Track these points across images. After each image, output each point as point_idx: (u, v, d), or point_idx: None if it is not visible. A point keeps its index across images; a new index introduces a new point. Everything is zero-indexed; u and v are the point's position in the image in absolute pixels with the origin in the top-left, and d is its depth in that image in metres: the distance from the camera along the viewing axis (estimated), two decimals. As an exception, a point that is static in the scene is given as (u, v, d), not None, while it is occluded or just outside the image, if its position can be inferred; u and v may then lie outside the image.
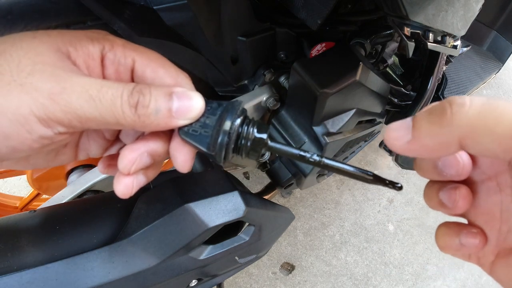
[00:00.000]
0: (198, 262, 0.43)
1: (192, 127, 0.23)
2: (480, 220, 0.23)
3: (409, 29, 0.47)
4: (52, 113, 0.20)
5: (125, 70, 0.24)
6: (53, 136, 0.21)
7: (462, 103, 0.17)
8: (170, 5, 0.43)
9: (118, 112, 0.21)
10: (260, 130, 0.24)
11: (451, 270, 1.18)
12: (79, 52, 0.22)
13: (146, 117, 0.22)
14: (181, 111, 0.22)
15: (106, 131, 0.28)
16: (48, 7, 0.39)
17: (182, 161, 0.24)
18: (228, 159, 0.24)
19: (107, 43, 0.23)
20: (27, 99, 0.19)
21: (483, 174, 0.22)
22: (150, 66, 0.24)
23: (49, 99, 0.19)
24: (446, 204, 0.22)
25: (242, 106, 0.25)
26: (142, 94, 0.22)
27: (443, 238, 0.23)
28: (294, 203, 1.24)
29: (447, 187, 0.23)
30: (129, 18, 0.41)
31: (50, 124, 0.20)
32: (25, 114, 0.19)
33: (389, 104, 0.84)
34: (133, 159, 0.23)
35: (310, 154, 0.24)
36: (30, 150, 0.21)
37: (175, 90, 0.23)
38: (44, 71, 0.20)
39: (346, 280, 1.11)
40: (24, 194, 0.81)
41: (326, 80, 0.50)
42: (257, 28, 0.54)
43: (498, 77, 1.84)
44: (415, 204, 1.31)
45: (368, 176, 0.24)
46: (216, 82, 0.60)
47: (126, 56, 0.24)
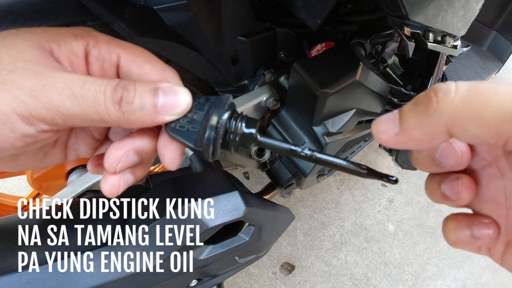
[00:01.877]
0: (198, 262, 0.43)
1: (179, 123, 0.23)
2: (486, 208, 0.22)
3: (409, 29, 0.47)
4: (34, 110, 0.19)
5: (110, 66, 0.24)
6: (36, 134, 0.20)
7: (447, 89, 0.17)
8: (170, 5, 0.43)
9: (101, 108, 0.20)
10: (249, 125, 0.23)
11: (451, 270, 1.18)
12: (62, 49, 0.22)
13: (131, 114, 0.21)
14: (167, 107, 0.22)
15: (94, 130, 0.27)
16: (48, 7, 0.39)
17: (170, 158, 0.24)
18: (216, 155, 0.24)
19: (91, 39, 0.23)
20: (8, 96, 0.19)
21: (483, 161, 0.22)
22: (136, 62, 0.24)
23: (30, 96, 0.19)
24: (450, 196, 0.21)
25: (230, 101, 0.24)
26: (126, 90, 0.21)
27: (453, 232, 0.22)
28: (294, 203, 1.24)
29: (448, 178, 0.22)
30: (129, 18, 0.41)
31: (33, 122, 0.20)
32: (6, 112, 0.19)
33: (389, 104, 0.84)
34: (119, 157, 0.23)
35: (301, 148, 0.24)
36: (14, 149, 0.21)
37: (160, 86, 0.22)
38: (26, 68, 0.20)
39: (346, 280, 1.11)
40: (24, 194, 0.81)
41: (326, 80, 0.50)
42: (257, 28, 0.54)
43: (498, 77, 1.84)
44: (415, 204, 1.31)
45: (362, 170, 0.24)
46: (216, 82, 0.60)
47: (111, 52, 0.23)
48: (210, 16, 0.46)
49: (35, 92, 0.19)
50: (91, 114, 0.20)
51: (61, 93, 0.20)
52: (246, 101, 0.58)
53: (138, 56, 0.24)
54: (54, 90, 0.20)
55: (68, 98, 0.20)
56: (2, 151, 0.21)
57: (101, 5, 0.40)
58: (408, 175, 1.38)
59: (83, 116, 0.20)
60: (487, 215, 0.22)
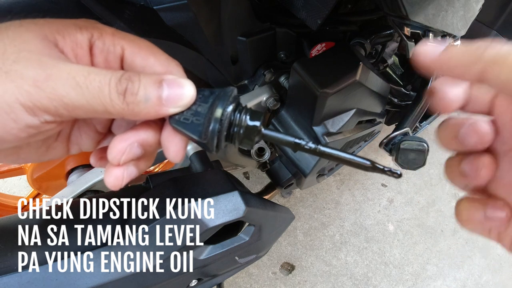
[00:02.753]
0: (198, 262, 0.43)
1: (183, 115, 0.23)
2: (503, 192, 0.22)
3: (409, 29, 0.47)
4: (38, 101, 0.19)
5: (114, 58, 0.24)
6: (39, 125, 0.20)
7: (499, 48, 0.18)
8: (170, 5, 0.43)
9: (106, 99, 0.20)
10: (253, 117, 0.23)
11: (451, 270, 1.18)
12: (66, 41, 0.22)
13: (135, 105, 0.21)
14: (172, 99, 0.22)
15: (97, 123, 0.27)
16: (48, 7, 0.39)
17: (174, 151, 0.24)
18: (220, 148, 0.24)
19: (96, 31, 0.23)
20: (12, 86, 0.19)
21: (505, 145, 0.22)
22: (140, 54, 0.24)
23: (34, 86, 0.19)
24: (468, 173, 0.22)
25: (234, 93, 0.24)
26: (131, 81, 0.21)
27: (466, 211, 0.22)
28: (294, 203, 1.24)
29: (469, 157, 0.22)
30: (129, 18, 0.41)
31: (36, 112, 0.20)
32: (10, 102, 0.19)
33: (389, 104, 0.84)
34: (123, 149, 0.23)
35: (306, 141, 0.24)
36: (17, 140, 0.21)
37: (165, 78, 0.22)
38: (30, 58, 0.20)
39: (346, 280, 1.11)
40: (24, 194, 0.81)
41: (326, 80, 0.50)
42: (257, 28, 0.54)
43: (498, 77, 1.84)
44: (415, 204, 1.31)
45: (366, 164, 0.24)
46: (216, 82, 0.60)
47: (115, 44, 0.23)
48: (210, 16, 0.46)
49: (39, 82, 0.19)
50: (95, 105, 0.20)
51: (65, 84, 0.19)
52: (246, 101, 0.58)
53: (142, 48, 0.24)
54: (59, 80, 0.19)
55: (72, 88, 0.20)
56: (5, 143, 0.20)
57: (101, 5, 0.40)
58: (408, 175, 1.38)
59: (87, 107, 0.20)
60: (502, 198, 0.22)
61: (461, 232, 1.27)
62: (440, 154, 1.48)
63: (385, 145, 0.65)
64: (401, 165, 0.44)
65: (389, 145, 0.63)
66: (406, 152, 0.43)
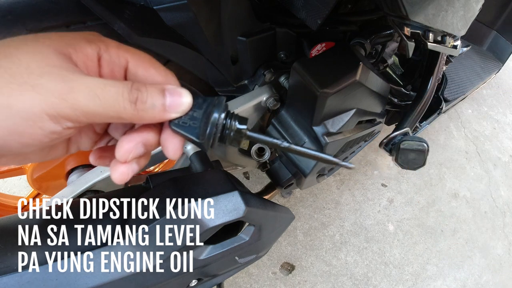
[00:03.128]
0: (198, 262, 0.43)
1: (181, 119, 0.27)
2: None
3: (409, 29, 0.47)
4: (62, 110, 0.22)
5: (119, 69, 0.27)
6: (61, 130, 0.23)
7: None
8: (170, 5, 0.43)
9: (120, 107, 0.24)
10: (241, 122, 0.28)
11: (451, 270, 1.18)
12: (78, 54, 0.25)
13: (144, 112, 0.25)
14: (173, 106, 0.26)
15: (97, 126, 0.30)
16: (48, 7, 0.39)
17: (173, 150, 0.28)
18: (213, 147, 0.28)
19: (102, 44, 0.26)
20: (39, 99, 0.21)
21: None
22: (142, 66, 0.27)
23: (59, 98, 0.22)
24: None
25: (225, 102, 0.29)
26: (139, 91, 0.25)
27: None
28: (294, 203, 1.24)
29: None
30: (129, 18, 0.41)
31: (60, 121, 0.23)
32: (37, 112, 0.22)
33: (389, 104, 0.84)
34: (130, 149, 0.27)
35: (281, 141, 0.30)
36: (40, 145, 0.24)
37: (166, 88, 0.26)
38: (52, 73, 0.22)
39: (346, 280, 1.11)
40: (24, 194, 0.81)
41: (326, 80, 0.50)
42: (257, 28, 0.54)
43: (498, 77, 1.84)
44: (415, 204, 1.31)
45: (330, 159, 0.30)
46: (216, 82, 0.60)
47: (120, 56, 0.27)
48: (210, 16, 0.46)
49: (63, 94, 0.22)
50: (110, 112, 0.24)
51: (86, 95, 0.23)
52: (246, 101, 0.58)
53: (144, 60, 0.27)
54: (80, 92, 0.22)
55: (92, 99, 0.23)
56: (28, 147, 0.23)
57: (101, 5, 0.40)
58: (408, 175, 1.38)
59: (104, 114, 0.24)
60: None
61: (461, 232, 1.27)
62: (440, 154, 1.48)
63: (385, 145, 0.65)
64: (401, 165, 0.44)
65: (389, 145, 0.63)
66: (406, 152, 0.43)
